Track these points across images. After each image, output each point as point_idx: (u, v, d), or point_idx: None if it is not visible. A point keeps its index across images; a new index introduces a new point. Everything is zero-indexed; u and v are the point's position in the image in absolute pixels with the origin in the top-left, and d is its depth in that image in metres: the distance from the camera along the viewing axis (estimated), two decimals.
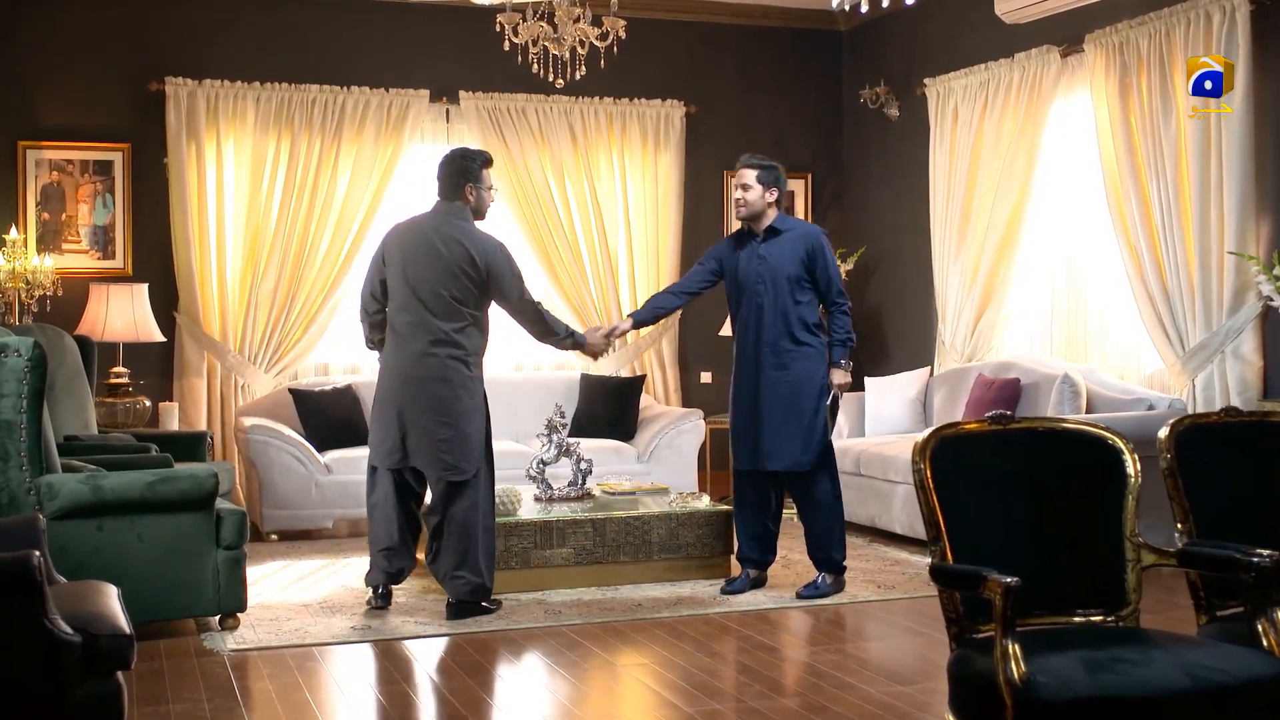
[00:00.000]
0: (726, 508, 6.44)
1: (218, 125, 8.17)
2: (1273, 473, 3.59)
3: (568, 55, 6.53)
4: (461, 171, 5.65)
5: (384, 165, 8.43)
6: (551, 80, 6.70)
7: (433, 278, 5.52)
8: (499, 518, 5.99)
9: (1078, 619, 3.31)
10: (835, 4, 6.48)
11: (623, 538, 6.18)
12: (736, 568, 6.26)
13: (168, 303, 8.12)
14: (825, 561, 5.99)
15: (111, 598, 3.60)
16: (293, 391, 7.86)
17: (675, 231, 9.06)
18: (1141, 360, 7.26)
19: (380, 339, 5.73)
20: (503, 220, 8.75)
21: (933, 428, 3.37)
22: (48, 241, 7.99)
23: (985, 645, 3.00)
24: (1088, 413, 6.76)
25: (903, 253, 8.96)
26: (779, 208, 6.04)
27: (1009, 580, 2.88)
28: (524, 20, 6.47)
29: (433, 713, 4.47)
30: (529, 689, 4.84)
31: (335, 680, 4.80)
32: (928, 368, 8.42)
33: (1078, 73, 7.47)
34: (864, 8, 5.86)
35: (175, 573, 5.13)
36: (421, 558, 5.87)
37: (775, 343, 5.94)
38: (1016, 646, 2.84)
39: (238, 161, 8.23)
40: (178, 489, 5.14)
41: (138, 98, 8.16)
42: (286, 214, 8.26)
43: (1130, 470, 3.34)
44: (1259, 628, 3.04)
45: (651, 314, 6.35)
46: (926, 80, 8.56)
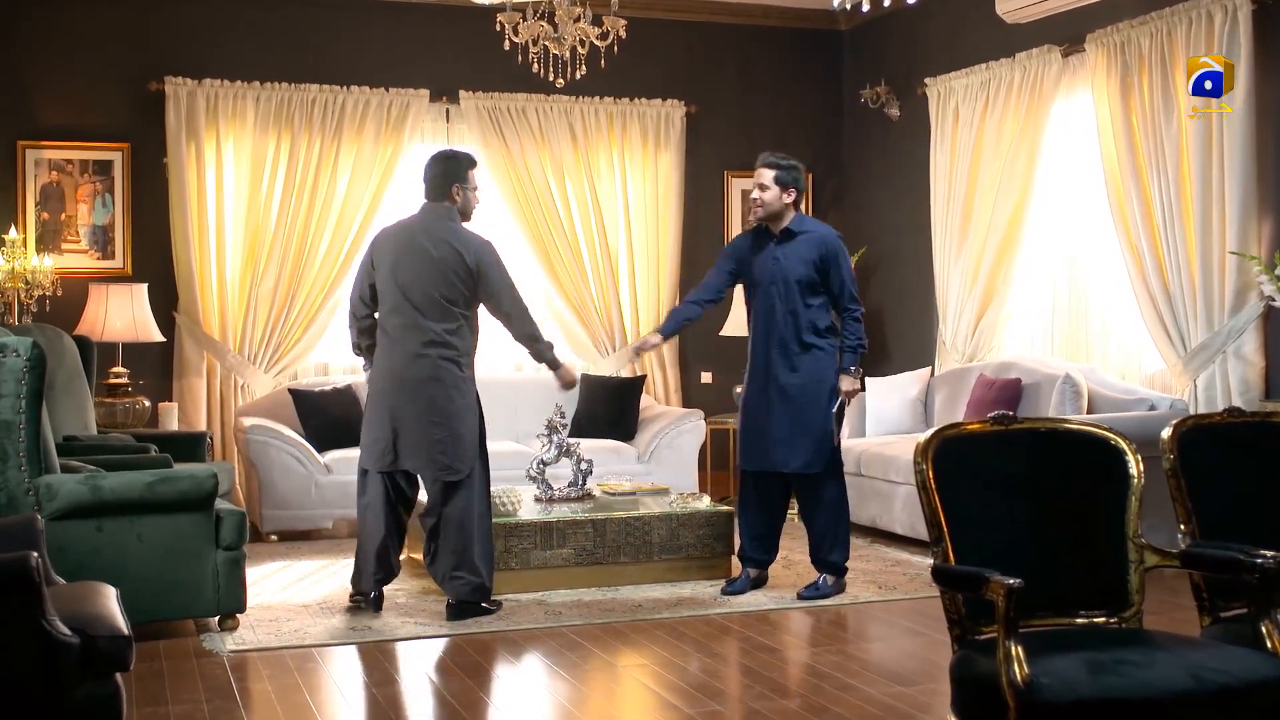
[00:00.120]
0: (727, 508, 6.44)
1: (217, 125, 8.16)
2: (1276, 473, 3.58)
3: (568, 55, 6.52)
4: (448, 172, 5.65)
5: (384, 165, 8.42)
6: (552, 80, 6.69)
7: (423, 279, 5.51)
8: (499, 518, 5.99)
9: (1080, 620, 3.30)
10: (836, 3, 6.46)
11: (623, 538, 6.17)
12: (737, 568, 6.25)
13: (167, 303, 8.11)
14: (827, 563, 5.98)
15: (110, 599, 3.59)
16: (292, 391, 7.85)
17: (675, 231, 9.05)
18: (1143, 360, 7.25)
19: (369, 344, 5.73)
20: (503, 220, 8.75)
21: (935, 428, 3.36)
22: (47, 241, 7.98)
23: (988, 647, 2.99)
24: (1089, 413, 6.75)
25: (903, 253, 8.95)
26: (797, 208, 6.00)
27: (1012, 582, 2.87)
28: (524, 20, 6.46)
29: (432, 714, 4.46)
30: (529, 690, 4.83)
31: (335, 681, 4.80)
32: (928, 368, 8.41)
33: (1079, 72, 7.46)
34: (865, 7, 5.85)
35: (174, 573, 5.12)
36: (417, 557, 5.85)
37: (785, 345, 5.92)
38: (1019, 648, 2.84)
39: (237, 161, 8.22)
40: (177, 489, 5.13)
41: (137, 97, 8.14)
42: (286, 214, 8.25)
43: (1133, 471, 3.33)
44: (1262, 629, 3.04)
45: (677, 326, 6.29)
46: (927, 80, 8.55)
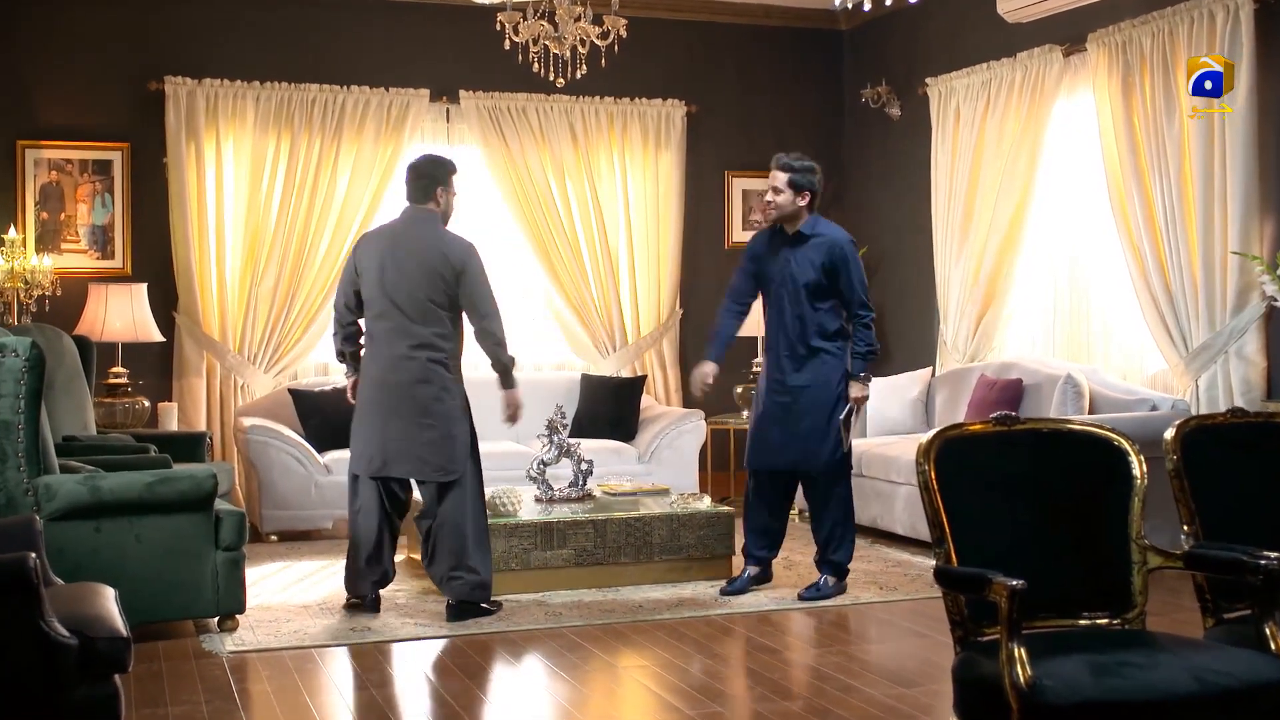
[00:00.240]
0: (728, 509, 6.43)
1: (217, 125, 8.14)
2: (1279, 474, 3.56)
3: (568, 54, 6.50)
4: (434, 176, 5.66)
5: (384, 165, 8.40)
6: (552, 79, 6.67)
7: (409, 282, 5.51)
8: (500, 519, 5.98)
9: (1083, 621, 3.29)
10: (837, 3, 6.44)
11: (623, 539, 6.16)
12: (738, 569, 6.25)
13: (167, 303, 8.10)
14: (830, 563, 5.97)
15: (109, 600, 3.58)
16: (292, 392, 7.83)
17: (676, 231, 9.04)
18: (1144, 361, 7.23)
19: (353, 351, 5.73)
20: (503, 220, 8.75)
21: (937, 429, 3.34)
22: (46, 241, 7.97)
23: (990, 648, 2.97)
24: (1090, 414, 6.73)
25: (904, 253, 8.93)
26: (812, 210, 5.96)
27: (1014, 583, 2.85)
28: (524, 19, 6.44)
29: (432, 715, 4.44)
30: (529, 691, 4.82)
31: (334, 682, 4.78)
32: (929, 368, 8.39)
33: (1080, 72, 7.44)
34: (866, 6, 5.83)
35: (174, 574, 5.11)
36: (417, 558, 5.84)
37: (792, 347, 5.91)
38: (1022, 650, 2.82)
39: (237, 161, 8.20)
40: (176, 490, 5.12)
41: (137, 97, 8.13)
42: (286, 214, 8.23)
43: (1136, 472, 3.31)
44: (1266, 631, 3.02)
45: (726, 345, 6.19)
46: (928, 80, 8.54)
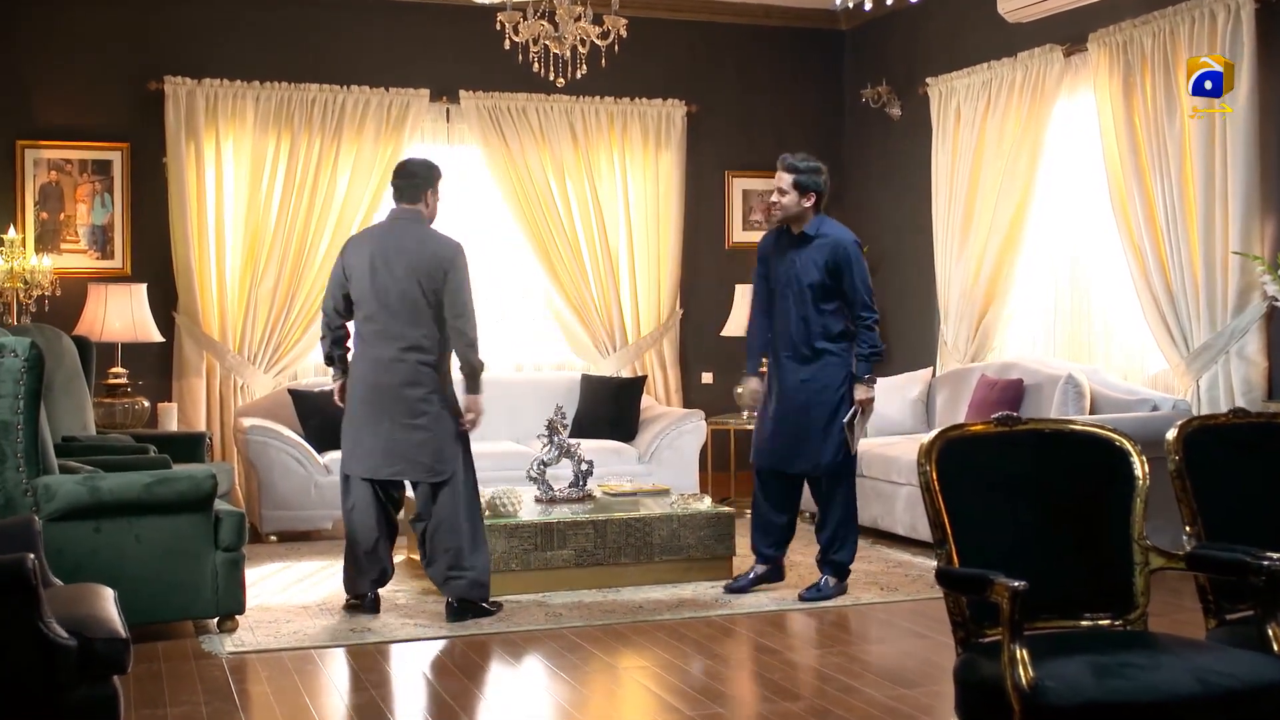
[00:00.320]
0: (728, 509, 6.42)
1: (217, 125, 8.13)
2: None
3: (568, 54, 6.49)
4: (425, 178, 5.69)
5: (384, 165, 8.37)
6: (552, 79, 6.66)
7: (399, 284, 5.51)
8: (500, 519, 5.98)
9: (1085, 622, 3.28)
10: (839, 2, 6.43)
11: (624, 539, 6.15)
12: (738, 569, 6.26)
13: (167, 303, 8.09)
14: (832, 563, 5.96)
15: (108, 601, 3.57)
16: (292, 392, 7.82)
17: (676, 231, 9.03)
18: (1145, 361, 7.22)
19: (340, 354, 5.74)
20: (503, 220, 8.74)
21: (938, 429, 3.33)
22: (46, 241, 7.95)
23: (992, 649, 2.96)
24: (1091, 414, 6.72)
25: (904, 253, 8.92)
26: (818, 211, 5.92)
27: (1017, 584, 2.84)
28: (524, 19, 6.43)
29: (432, 716, 4.43)
30: (529, 692, 4.81)
31: (334, 683, 4.77)
32: (930, 368, 8.38)
33: (1081, 72, 7.43)
34: (867, 5, 5.83)
35: (173, 574, 5.10)
36: (417, 558, 5.84)
37: (796, 349, 5.90)
38: (1024, 651, 2.81)
39: (237, 161, 8.19)
40: (176, 490, 5.11)
41: (137, 97, 8.12)
42: (286, 214, 8.22)
43: (1138, 472, 3.30)
44: (1269, 632, 3.02)
45: (762, 355, 6.16)
46: (928, 79, 8.53)
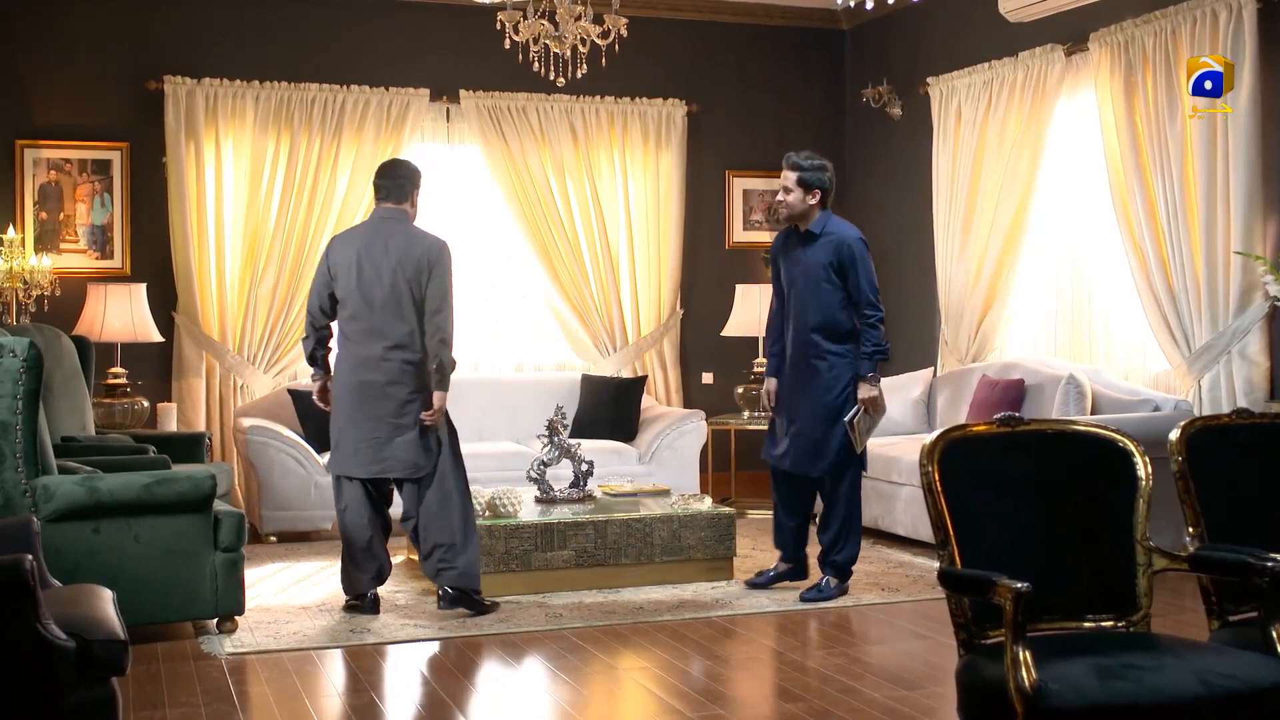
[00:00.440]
0: (729, 510, 6.41)
1: (216, 124, 8.12)
2: None
3: (569, 53, 6.48)
4: (411, 179, 5.73)
5: None
6: (552, 79, 6.64)
7: (386, 283, 5.53)
8: (500, 520, 5.97)
9: (1088, 624, 3.26)
10: (840, 1, 6.42)
11: (624, 540, 6.13)
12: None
13: (166, 303, 8.07)
14: (831, 564, 5.95)
15: (106, 602, 3.56)
16: (292, 392, 7.81)
17: (676, 231, 9.01)
18: (1147, 361, 7.20)
19: (323, 354, 5.75)
20: (503, 220, 8.73)
21: (940, 430, 3.31)
22: (45, 241, 7.94)
23: (994, 651, 2.95)
24: (1092, 414, 6.70)
25: (905, 252, 8.91)
26: (825, 208, 5.90)
27: (1020, 586, 2.83)
28: (525, 18, 6.41)
29: (432, 717, 4.42)
30: (530, 693, 4.79)
31: (334, 684, 4.76)
32: (931, 368, 8.37)
33: (1082, 71, 7.42)
34: (869, 4, 5.81)
35: (172, 575, 5.09)
36: (415, 558, 5.86)
37: (802, 348, 5.89)
38: (1027, 653, 2.80)
39: (237, 161, 8.18)
40: (175, 491, 5.10)
41: (136, 97, 8.10)
42: (286, 213, 8.21)
43: (1141, 473, 3.29)
44: (1273, 633, 3.01)
45: (780, 359, 6.10)
46: (929, 79, 8.51)
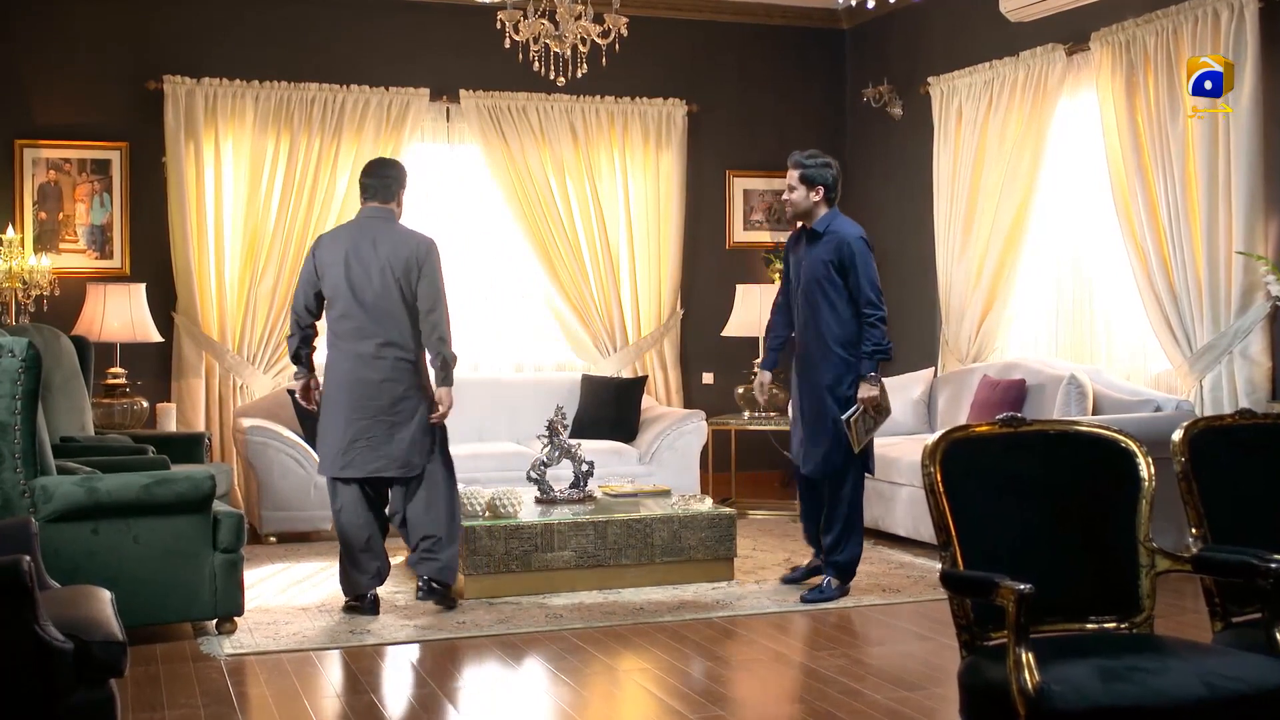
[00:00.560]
0: (729, 510, 6.40)
1: (216, 124, 8.11)
2: None
3: (569, 53, 6.47)
4: (399, 178, 5.75)
5: None
6: (553, 78, 6.63)
7: (376, 281, 5.54)
8: (501, 520, 5.97)
9: (1091, 625, 3.25)
10: (841, 1, 6.40)
11: (624, 540, 6.12)
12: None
13: (166, 303, 8.06)
14: (832, 565, 5.94)
15: (105, 603, 3.54)
16: (291, 392, 7.76)
17: (677, 230, 9.00)
18: (1148, 361, 7.19)
19: (308, 354, 5.75)
20: (503, 220, 8.71)
21: (943, 430, 3.30)
22: (45, 241, 7.93)
23: (997, 653, 2.94)
24: (1094, 414, 6.69)
25: (906, 252, 8.89)
26: (830, 205, 5.87)
27: (1023, 587, 2.81)
28: (525, 18, 6.40)
29: (432, 718, 4.40)
30: (530, 693, 4.78)
31: (333, 685, 4.75)
32: (931, 368, 8.36)
33: (1083, 71, 7.40)
34: (870, 4, 5.80)
35: (171, 576, 5.08)
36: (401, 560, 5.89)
37: (808, 348, 5.88)
38: (1030, 655, 2.78)
39: (236, 160, 8.17)
40: (174, 491, 5.08)
41: (136, 96, 8.09)
42: (285, 213, 8.20)
43: (1144, 474, 3.27)
44: (1277, 635, 2.99)
45: (777, 350, 6.13)
46: (930, 79, 8.50)
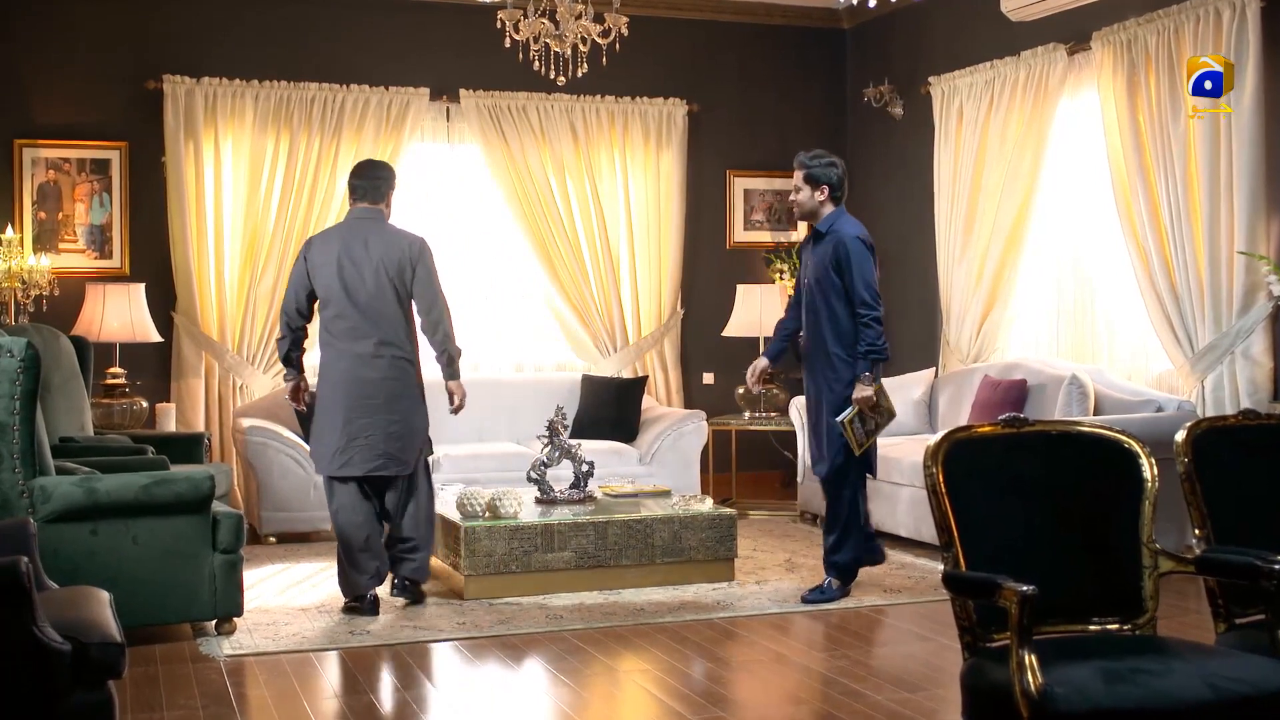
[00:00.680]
0: (729, 511, 6.39)
1: (216, 124, 8.09)
2: None
3: (569, 52, 6.46)
4: (388, 179, 5.79)
5: None
6: (553, 78, 6.62)
7: (369, 281, 5.56)
8: (500, 521, 5.96)
9: (1093, 627, 3.23)
10: (842, 1, 6.39)
11: (625, 541, 6.11)
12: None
13: (165, 303, 8.05)
14: (833, 566, 5.93)
15: (103, 604, 3.53)
16: None
17: (677, 230, 8.99)
18: (1149, 361, 7.18)
19: (299, 355, 5.76)
20: (503, 219, 8.70)
21: (945, 431, 3.28)
22: (44, 241, 7.92)
23: (999, 654, 2.92)
24: (1095, 414, 6.68)
25: (907, 252, 8.88)
26: (835, 204, 5.85)
27: (1025, 589, 2.80)
28: (525, 17, 6.40)
29: (431, 719, 4.40)
30: (530, 695, 4.77)
31: (332, 686, 4.73)
32: (932, 369, 8.34)
33: (1085, 71, 7.39)
34: (871, 3, 5.79)
35: (171, 576, 5.07)
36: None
37: (812, 349, 5.87)
38: (1033, 656, 2.77)
39: (236, 160, 8.15)
40: (173, 491, 5.07)
41: (135, 96, 8.08)
42: (285, 213, 8.18)
43: (1147, 474, 3.26)
44: None
45: (782, 342, 6.09)
46: (931, 79, 8.48)
